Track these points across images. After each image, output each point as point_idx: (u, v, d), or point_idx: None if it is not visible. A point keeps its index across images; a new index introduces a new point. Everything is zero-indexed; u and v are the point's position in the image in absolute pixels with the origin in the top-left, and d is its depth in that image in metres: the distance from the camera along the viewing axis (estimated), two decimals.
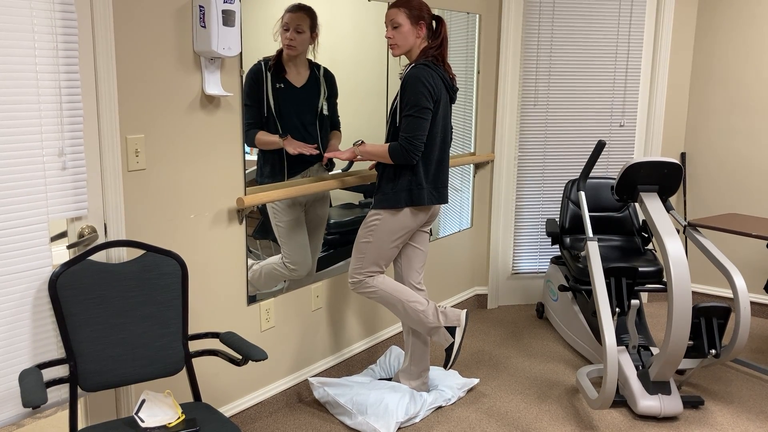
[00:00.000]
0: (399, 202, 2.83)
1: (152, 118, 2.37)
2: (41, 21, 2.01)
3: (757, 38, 4.14)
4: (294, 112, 2.90)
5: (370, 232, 2.88)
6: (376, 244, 2.88)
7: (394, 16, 2.78)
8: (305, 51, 2.92)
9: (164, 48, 2.37)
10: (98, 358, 2.09)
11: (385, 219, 2.85)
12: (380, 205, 2.85)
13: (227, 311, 2.76)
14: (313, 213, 3.11)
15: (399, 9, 2.78)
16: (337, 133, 3.14)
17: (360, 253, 2.91)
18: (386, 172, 2.86)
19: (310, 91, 2.97)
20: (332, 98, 3.10)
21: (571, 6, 4.15)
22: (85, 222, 2.22)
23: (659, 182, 3.16)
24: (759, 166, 4.23)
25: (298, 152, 2.94)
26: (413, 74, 2.74)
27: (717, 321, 2.97)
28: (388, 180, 2.84)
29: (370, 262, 2.90)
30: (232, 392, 2.85)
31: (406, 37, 2.80)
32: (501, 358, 3.68)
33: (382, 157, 2.80)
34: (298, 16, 2.85)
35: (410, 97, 2.72)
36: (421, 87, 2.72)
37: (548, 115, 4.28)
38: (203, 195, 2.59)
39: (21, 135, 2.01)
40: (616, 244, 3.83)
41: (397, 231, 2.87)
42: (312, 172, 3.05)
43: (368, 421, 2.86)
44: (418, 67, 2.75)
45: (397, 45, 2.81)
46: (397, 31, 2.79)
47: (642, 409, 3.03)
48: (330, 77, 3.07)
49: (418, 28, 2.79)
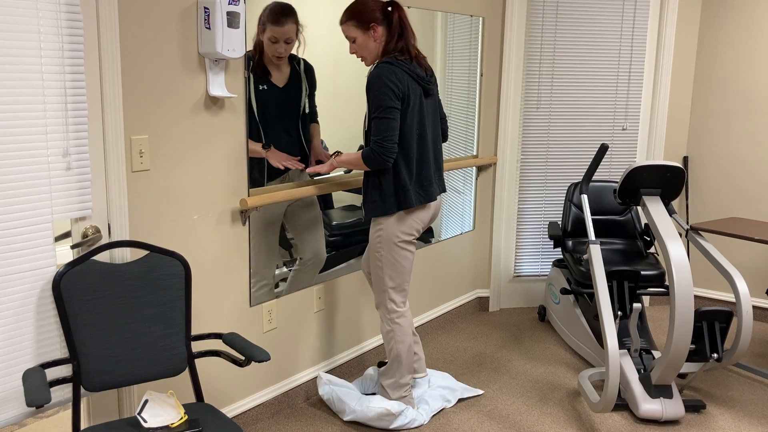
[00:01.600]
0: (390, 207, 2.76)
1: (157, 119, 2.38)
2: (47, 22, 2.02)
3: (759, 42, 4.15)
4: (276, 115, 2.81)
5: (378, 247, 2.82)
6: (389, 259, 2.82)
7: (347, 32, 2.74)
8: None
9: (169, 49, 2.37)
10: (101, 358, 2.10)
11: (387, 227, 2.79)
12: (373, 213, 2.80)
13: (230, 312, 2.77)
14: (300, 218, 3.02)
15: (347, 24, 2.72)
16: (316, 126, 3.03)
17: (379, 280, 2.85)
18: (371, 180, 2.78)
19: (292, 91, 2.88)
20: (312, 90, 3.00)
21: (574, 8, 4.16)
22: (89, 222, 2.23)
23: (662, 186, 3.16)
24: (762, 170, 4.23)
25: (283, 167, 2.87)
26: (374, 74, 2.66)
27: (719, 325, 2.97)
28: (374, 187, 2.77)
29: (391, 286, 2.84)
30: (234, 393, 2.85)
31: (366, 46, 2.73)
32: (502, 361, 3.68)
33: (358, 165, 2.73)
34: (288, 29, 2.78)
35: (374, 98, 2.65)
36: (383, 87, 2.63)
37: (551, 118, 4.28)
38: (207, 196, 2.60)
39: (26, 135, 2.02)
40: (618, 248, 3.83)
41: (405, 235, 2.82)
42: (292, 176, 2.95)
43: (371, 405, 2.89)
44: (379, 67, 2.67)
45: (363, 57, 2.77)
46: (356, 44, 2.74)
47: (644, 412, 3.03)
48: (309, 70, 2.97)
49: (371, 32, 2.71)
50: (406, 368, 2.94)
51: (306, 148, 2.99)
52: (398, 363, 2.93)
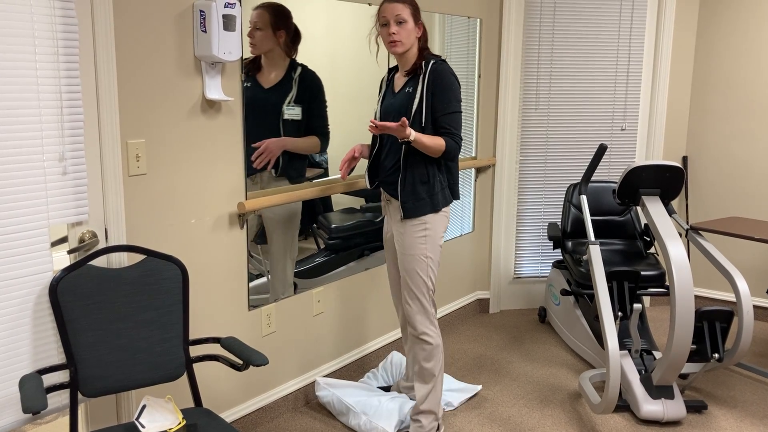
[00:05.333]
0: (437, 204, 2.67)
1: (153, 123, 2.37)
2: (42, 26, 2.01)
3: (757, 41, 4.14)
4: (255, 114, 2.75)
5: (423, 248, 2.68)
6: (435, 261, 2.71)
7: (400, 11, 2.61)
8: (273, 49, 2.78)
9: (165, 52, 2.37)
10: (99, 363, 2.09)
11: (434, 225, 2.68)
12: (420, 211, 2.65)
13: (228, 316, 2.75)
14: (279, 234, 2.95)
15: (405, 5, 2.63)
16: (313, 138, 2.99)
17: (420, 285, 2.70)
18: (417, 174, 2.65)
19: (276, 94, 2.83)
20: (308, 102, 2.94)
21: (571, 10, 4.15)
22: (86, 227, 2.22)
23: (661, 186, 3.15)
24: (761, 169, 4.23)
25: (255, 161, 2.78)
26: (444, 69, 2.63)
27: (720, 325, 2.96)
28: (421, 183, 2.65)
29: (429, 287, 2.71)
30: (233, 397, 2.84)
31: (410, 35, 2.65)
32: (503, 363, 3.67)
33: (432, 149, 2.58)
34: (257, 13, 2.72)
35: (450, 92, 2.61)
36: (455, 83, 2.63)
37: (549, 118, 4.27)
38: (204, 200, 2.59)
39: (22, 140, 2.01)
40: (618, 248, 3.82)
41: (442, 237, 2.73)
42: (261, 181, 2.83)
43: (371, 420, 2.86)
44: (442, 64, 2.65)
45: (401, 42, 2.63)
46: (402, 27, 2.62)
47: (645, 413, 3.02)
48: (306, 79, 2.91)
49: (418, 28, 2.68)
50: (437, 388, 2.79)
51: (280, 157, 2.89)
52: (441, 378, 2.79)
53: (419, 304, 2.72)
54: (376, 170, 2.86)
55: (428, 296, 2.73)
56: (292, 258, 3.02)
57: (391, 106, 2.75)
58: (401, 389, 3.13)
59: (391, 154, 2.74)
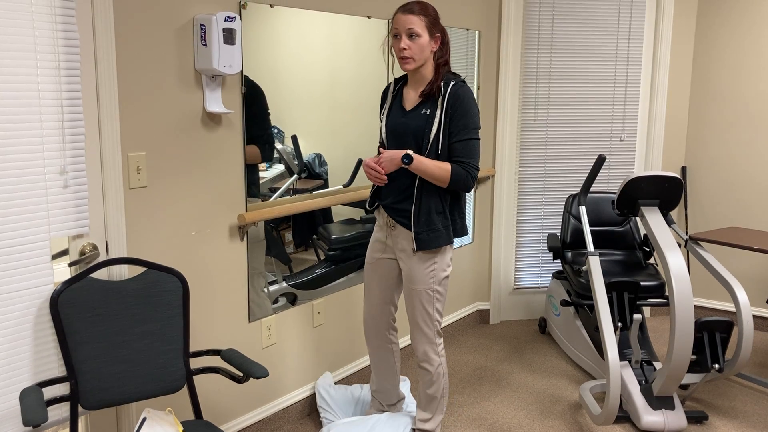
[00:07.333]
0: (450, 237, 2.50)
1: (154, 136, 2.38)
2: (43, 40, 2.03)
3: (755, 52, 4.16)
4: None
5: (432, 282, 2.55)
6: (443, 294, 2.59)
7: (413, 24, 2.39)
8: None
9: (165, 66, 2.38)
10: (99, 375, 2.09)
11: (442, 259, 2.54)
12: (435, 244, 2.48)
13: (228, 328, 2.76)
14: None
15: (419, 17, 2.40)
16: (251, 147, 2.74)
17: (428, 319, 2.59)
18: (433, 204, 2.47)
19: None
20: (253, 113, 2.72)
21: (569, 21, 4.18)
22: (87, 240, 2.22)
23: (660, 196, 3.16)
24: (760, 179, 4.24)
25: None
26: (465, 92, 2.43)
27: (720, 335, 2.96)
28: (437, 213, 2.47)
29: (437, 319, 2.61)
30: (233, 410, 2.83)
31: (423, 50, 2.42)
32: (503, 374, 3.67)
33: (435, 176, 2.41)
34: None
35: (469, 117, 2.41)
36: (476, 108, 2.43)
37: (548, 129, 4.29)
38: (204, 212, 2.60)
39: (23, 153, 2.02)
40: (617, 259, 3.83)
41: (450, 266, 2.60)
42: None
43: None
44: (464, 86, 2.45)
45: (413, 59, 2.42)
46: (414, 42, 2.40)
47: (645, 424, 3.01)
48: (250, 91, 2.70)
49: (434, 42, 2.45)
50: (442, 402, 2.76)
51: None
52: (446, 395, 2.76)
53: (425, 337, 2.64)
54: (378, 191, 2.67)
55: (436, 328, 2.64)
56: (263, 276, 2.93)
57: (404, 126, 2.53)
58: (386, 408, 3.04)
59: (402, 178, 2.53)
